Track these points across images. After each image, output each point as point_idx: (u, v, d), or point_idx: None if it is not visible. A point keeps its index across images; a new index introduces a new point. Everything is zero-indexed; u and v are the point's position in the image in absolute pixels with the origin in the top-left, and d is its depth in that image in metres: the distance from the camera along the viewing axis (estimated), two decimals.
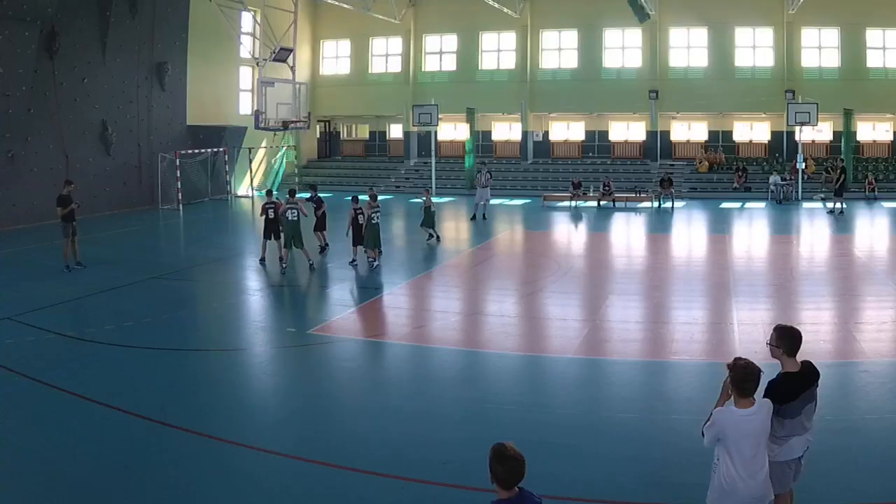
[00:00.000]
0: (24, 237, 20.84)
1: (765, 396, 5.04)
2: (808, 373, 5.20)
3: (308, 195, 19.11)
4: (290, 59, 28.09)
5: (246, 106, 33.19)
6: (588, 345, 11.13)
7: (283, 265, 16.53)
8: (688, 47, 33.31)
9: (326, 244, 18.70)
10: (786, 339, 5.13)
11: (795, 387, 5.09)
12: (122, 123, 26.81)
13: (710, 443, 4.86)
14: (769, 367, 5.21)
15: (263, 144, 34.88)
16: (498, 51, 35.85)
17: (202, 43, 29.69)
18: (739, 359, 4.86)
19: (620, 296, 14.33)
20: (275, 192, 18.62)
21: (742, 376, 4.73)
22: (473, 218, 24.93)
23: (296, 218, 16.33)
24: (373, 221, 16.51)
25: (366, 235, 16.56)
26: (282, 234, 16.60)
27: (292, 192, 17.02)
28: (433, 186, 32.86)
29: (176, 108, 29.17)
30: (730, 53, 32.58)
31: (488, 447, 3.96)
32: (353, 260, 17.02)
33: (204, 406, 8.80)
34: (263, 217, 17.17)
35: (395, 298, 14.53)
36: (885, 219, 24.48)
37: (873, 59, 31.07)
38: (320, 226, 18.77)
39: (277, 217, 16.89)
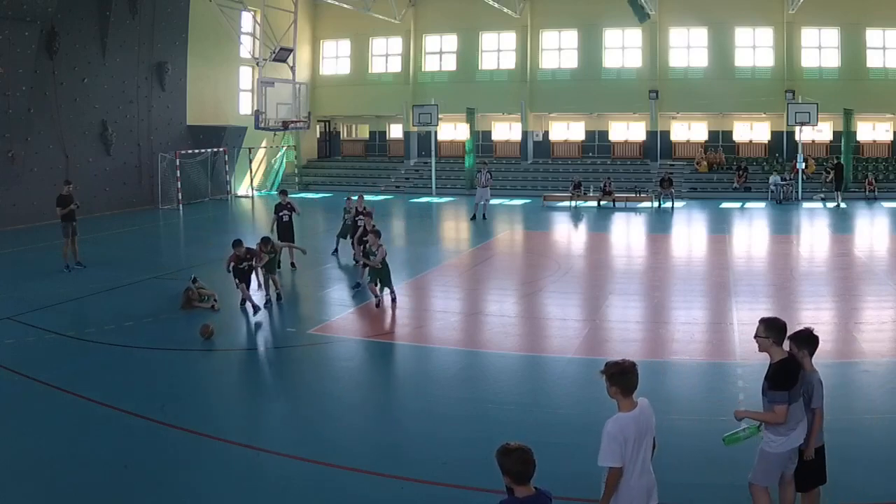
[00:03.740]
0: (24, 237, 20.83)
1: (772, 387, 5.23)
2: (795, 358, 5.40)
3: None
4: (290, 59, 28.09)
5: (246, 106, 33.17)
6: (588, 345, 11.13)
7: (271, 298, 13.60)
8: (688, 47, 33.27)
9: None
10: (774, 329, 5.33)
11: (794, 370, 5.30)
12: (122, 123, 26.81)
13: (616, 458, 4.52)
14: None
15: (263, 144, 34.87)
16: (498, 51, 35.81)
17: (202, 43, 29.69)
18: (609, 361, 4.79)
19: (620, 296, 14.32)
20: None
21: (622, 371, 4.69)
22: (473, 218, 24.92)
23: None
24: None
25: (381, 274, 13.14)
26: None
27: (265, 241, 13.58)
28: (433, 186, 33.08)
29: (176, 108, 29.17)
30: (730, 53, 32.54)
31: (488, 447, 3.96)
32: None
33: (204, 406, 8.81)
34: (276, 222, 16.63)
35: (395, 298, 14.49)
36: (885, 219, 24.47)
37: (873, 59, 31.03)
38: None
39: (292, 221, 16.57)
